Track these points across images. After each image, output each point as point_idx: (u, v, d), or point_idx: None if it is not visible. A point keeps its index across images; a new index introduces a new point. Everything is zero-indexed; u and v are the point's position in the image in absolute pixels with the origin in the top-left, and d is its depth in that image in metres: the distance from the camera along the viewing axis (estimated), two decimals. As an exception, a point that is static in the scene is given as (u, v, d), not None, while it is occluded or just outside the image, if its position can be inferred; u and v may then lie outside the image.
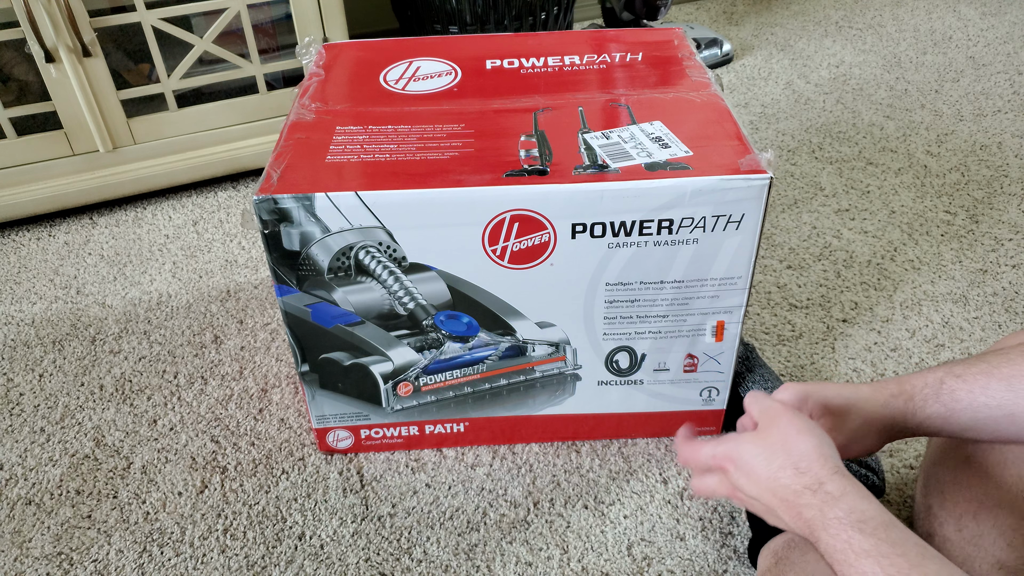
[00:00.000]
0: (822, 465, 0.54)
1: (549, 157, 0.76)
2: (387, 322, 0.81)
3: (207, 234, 1.30)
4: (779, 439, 0.56)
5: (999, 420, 0.58)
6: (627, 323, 0.82)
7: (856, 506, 0.51)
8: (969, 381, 0.60)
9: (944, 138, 1.46)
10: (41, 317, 1.14)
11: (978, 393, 0.60)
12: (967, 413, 0.60)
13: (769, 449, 0.56)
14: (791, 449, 0.55)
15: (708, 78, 0.89)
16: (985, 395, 0.59)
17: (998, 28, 1.87)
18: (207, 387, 1.02)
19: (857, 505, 0.51)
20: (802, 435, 0.56)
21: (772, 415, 0.58)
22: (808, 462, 0.54)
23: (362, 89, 0.89)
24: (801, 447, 0.55)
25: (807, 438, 0.56)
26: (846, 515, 0.50)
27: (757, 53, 1.80)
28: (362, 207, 0.73)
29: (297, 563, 0.82)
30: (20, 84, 1.34)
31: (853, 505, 0.51)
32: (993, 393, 0.59)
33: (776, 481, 0.55)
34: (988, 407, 0.59)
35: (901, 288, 1.14)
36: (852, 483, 0.53)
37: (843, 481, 0.52)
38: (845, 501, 0.51)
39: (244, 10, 1.27)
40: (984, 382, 0.60)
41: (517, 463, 0.91)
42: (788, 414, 0.58)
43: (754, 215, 0.75)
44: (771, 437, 0.57)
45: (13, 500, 0.89)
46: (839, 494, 0.52)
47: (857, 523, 0.50)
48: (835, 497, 0.52)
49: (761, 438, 0.58)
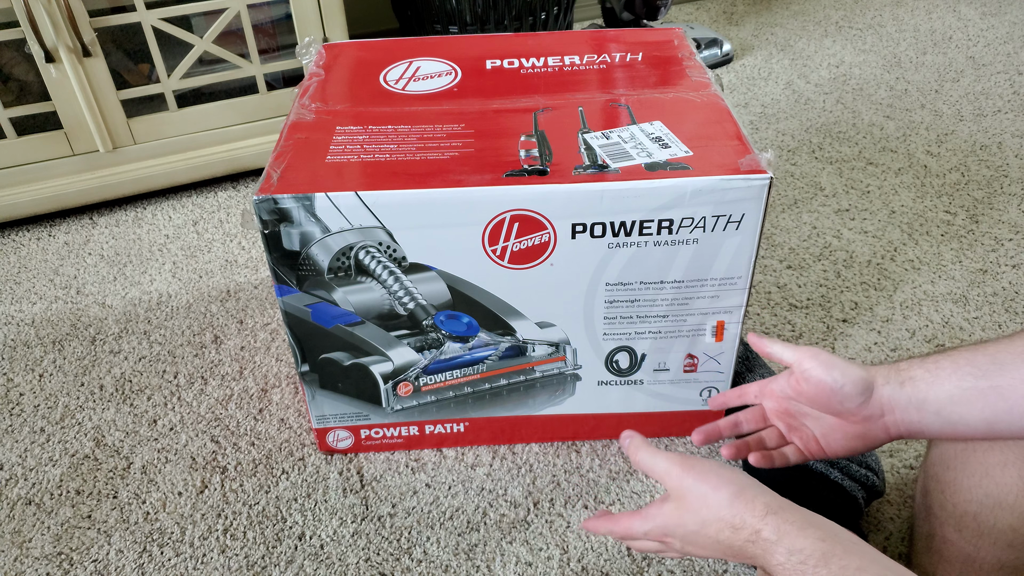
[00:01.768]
0: (751, 511, 0.54)
1: (549, 157, 0.76)
2: (387, 322, 0.81)
3: (207, 234, 1.30)
4: (699, 503, 0.56)
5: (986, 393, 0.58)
6: (627, 323, 0.82)
7: (794, 545, 0.51)
8: (953, 354, 0.61)
9: (944, 138, 1.46)
10: (41, 317, 1.14)
11: (962, 363, 0.59)
12: (952, 380, 0.59)
13: (696, 515, 0.57)
14: (715, 508, 0.55)
15: (708, 78, 0.89)
16: (971, 365, 0.59)
17: (998, 28, 1.87)
18: (207, 387, 1.02)
19: (795, 544, 0.51)
20: (718, 490, 0.56)
21: (677, 479, 0.58)
22: (740, 516, 0.54)
23: (362, 89, 0.89)
24: (722, 502, 0.55)
25: (724, 490, 0.56)
26: (786, 559, 0.51)
27: (757, 53, 1.80)
28: (362, 207, 0.73)
29: (297, 563, 0.82)
30: (20, 84, 1.34)
31: (791, 545, 0.51)
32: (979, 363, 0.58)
33: (718, 542, 0.56)
34: (973, 376, 0.58)
35: (901, 288, 1.14)
36: (786, 519, 0.53)
37: (776, 521, 0.53)
38: (783, 544, 0.52)
39: (244, 10, 1.27)
40: (968, 356, 0.60)
41: (517, 463, 0.91)
42: (690, 473, 0.58)
43: (754, 215, 0.75)
44: (691, 503, 0.57)
45: (13, 500, 0.89)
46: (776, 538, 0.52)
47: (798, 565, 0.50)
48: (773, 542, 0.52)
49: (683, 508, 0.58)
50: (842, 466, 0.80)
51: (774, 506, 0.54)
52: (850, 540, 0.51)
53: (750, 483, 0.56)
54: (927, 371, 0.61)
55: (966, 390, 0.59)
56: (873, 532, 0.83)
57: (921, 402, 0.61)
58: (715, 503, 0.56)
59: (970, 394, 0.58)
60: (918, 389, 0.61)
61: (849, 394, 0.62)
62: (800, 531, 0.52)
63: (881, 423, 0.63)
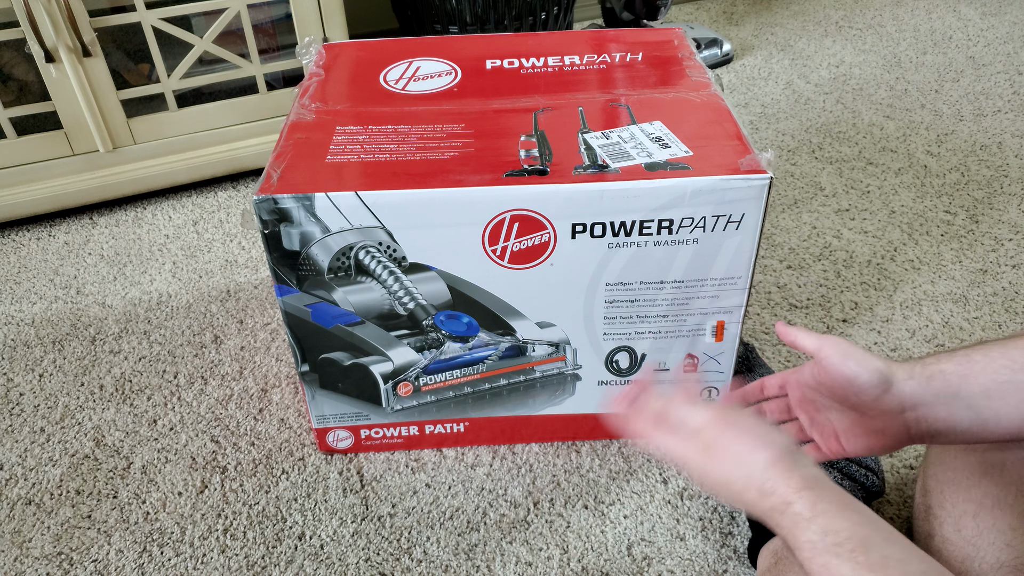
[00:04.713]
0: (786, 482, 0.50)
1: (549, 157, 0.76)
2: (387, 322, 0.81)
3: (207, 234, 1.30)
4: (732, 460, 0.53)
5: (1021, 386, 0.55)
6: (627, 323, 0.82)
7: (830, 526, 0.47)
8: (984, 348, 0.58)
9: (944, 138, 1.46)
10: (41, 317, 1.14)
11: (997, 356, 0.56)
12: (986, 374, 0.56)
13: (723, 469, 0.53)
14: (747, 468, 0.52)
15: (708, 78, 0.89)
16: (1006, 358, 0.56)
17: (998, 28, 1.87)
18: (207, 387, 1.02)
19: (831, 525, 0.47)
20: (755, 452, 0.52)
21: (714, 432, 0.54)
22: (772, 483, 0.50)
23: (362, 89, 0.89)
24: (756, 464, 0.51)
25: (761, 453, 0.52)
26: (820, 539, 0.47)
27: (757, 53, 1.80)
28: (362, 207, 0.73)
29: (297, 563, 0.82)
30: (20, 84, 1.34)
31: (827, 525, 0.47)
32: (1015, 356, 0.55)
33: (739, 498, 0.52)
34: (1010, 369, 0.55)
35: (901, 288, 1.14)
36: (823, 496, 0.49)
37: (812, 497, 0.49)
38: (817, 522, 0.48)
39: (244, 10, 1.27)
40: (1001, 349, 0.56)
41: (517, 463, 0.91)
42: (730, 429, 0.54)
43: (754, 215, 0.75)
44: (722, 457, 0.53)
45: (13, 500, 0.89)
46: (810, 515, 0.48)
47: (832, 547, 0.47)
48: (806, 518, 0.48)
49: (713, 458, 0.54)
50: (841, 466, 0.80)
51: (811, 479, 0.50)
52: (888, 529, 0.48)
53: (790, 450, 0.52)
54: (958, 364, 0.57)
55: (1003, 384, 0.55)
56: (873, 532, 0.83)
57: (952, 396, 0.57)
58: (748, 463, 0.52)
59: (1007, 388, 0.55)
60: (949, 383, 0.57)
61: (864, 385, 0.58)
62: (839, 512, 0.48)
63: (901, 419, 0.60)
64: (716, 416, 0.56)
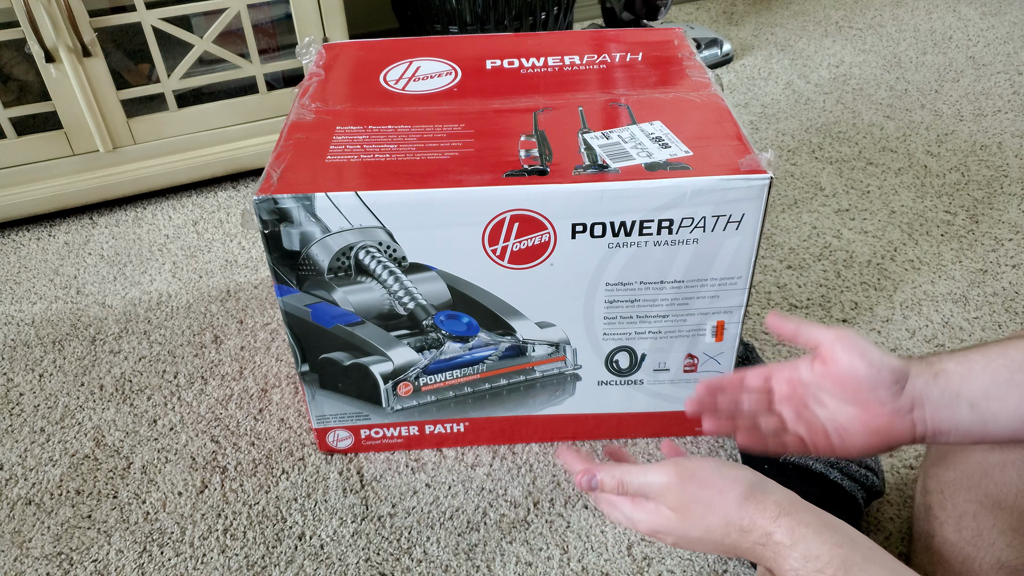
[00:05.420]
0: (762, 512, 0.50)
1: (549, 157, 0.76)
2: (387, 322, 0.81)
3: (207, 234, 1.30)
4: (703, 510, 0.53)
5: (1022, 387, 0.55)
6: (627, 323, 0.82)
7: (810, 552, 0.48)
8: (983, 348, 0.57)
9: (944, 138, 1.46)
10: (41, 317, 1.14)
11: (995, 356, 0.56)
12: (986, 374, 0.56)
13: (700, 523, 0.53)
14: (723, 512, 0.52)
15: (708, 78, 0.89)
16: (1004, 358, 0.56)
17: (998, 28, 1.87)
18: (207, 387, 1.02)
19: (811, 551, 0.48)
20: (725, 493, 0.52)
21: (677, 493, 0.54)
22: (750, 518, 0.51)
23: (362, 89, 0.89)
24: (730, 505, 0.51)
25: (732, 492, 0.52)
26: (802, 565, 0.48)
27: (757, 53, 1.80)
28: (362, 207, 0.73)
29: (297, 563, 0.82)
30: (20, 84, 1.34)
31: (807, 552, 0.48)
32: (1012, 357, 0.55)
33: (723, 544, 0.52)
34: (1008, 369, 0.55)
35: (901, 288, 1.14)
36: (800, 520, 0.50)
37: (790, 523, 0.49)
38: (797, 549, 0.48)
39: (244, 10, 1.27)
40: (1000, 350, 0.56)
41: (517, 463, 0.91)
42: (691, 483, 0.53)
43: (754, 215, 0.75)
44: (695, 512, 0.53)
45: (13, 500, 0.89)
46: (790, 542, 0.49)
47: (814, 573, 0.47)
48: (787, 546, 0.49)
49: (686, 519, 0.54)
50: (842, 466, 0.80)
51: (786, 506, 0.51)
52: (868, 546, 0.49)
53: (759, 480, 0.53)
54: (958, 364, 0.57)
55: (1001, 384, 0.55)
56: (873, 532, 0.83)
57: (954, 396, 0.57)
58: (722, 507, 0.52)
59: (1005, 389, 0.55)
60: (951, 382, 0.57)
61: (884, 382, 0.57)
62: (816, 535, 0.49)
63: (909, 418, 0.59)
64: (673, 473, 0.56)
